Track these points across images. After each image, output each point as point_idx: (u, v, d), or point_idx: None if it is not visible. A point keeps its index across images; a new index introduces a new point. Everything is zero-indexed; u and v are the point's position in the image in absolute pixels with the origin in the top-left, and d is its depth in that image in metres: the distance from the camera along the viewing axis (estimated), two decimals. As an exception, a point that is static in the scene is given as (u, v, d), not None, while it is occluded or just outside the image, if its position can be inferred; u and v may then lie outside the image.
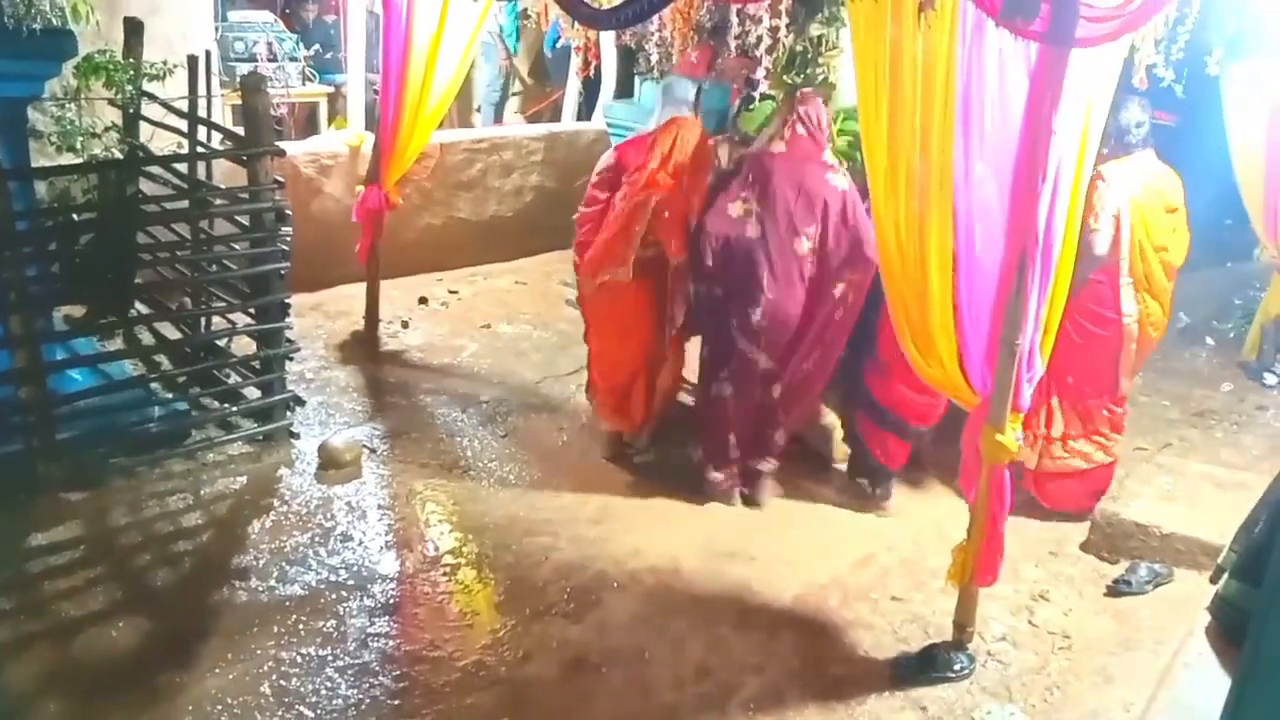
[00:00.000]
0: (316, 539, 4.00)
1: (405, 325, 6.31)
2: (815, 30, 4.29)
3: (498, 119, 9.53)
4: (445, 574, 3.86)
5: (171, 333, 5.03)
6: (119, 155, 4.84)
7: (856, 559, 4.08)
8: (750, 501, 4.41)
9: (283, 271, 4.59)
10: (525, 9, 7.96)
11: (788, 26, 4.29)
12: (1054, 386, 4.28)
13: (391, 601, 3.69)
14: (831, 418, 4.73)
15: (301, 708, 3.11)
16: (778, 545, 4.13)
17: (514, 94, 9.83)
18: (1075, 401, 4.34)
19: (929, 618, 3.69)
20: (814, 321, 4.15)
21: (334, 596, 3.65)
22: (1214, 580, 3.35)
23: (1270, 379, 6.03)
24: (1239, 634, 3.23)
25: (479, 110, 9.76)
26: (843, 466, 4.63)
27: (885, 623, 3.69)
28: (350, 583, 3.74)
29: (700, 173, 4.29)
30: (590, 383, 4.73)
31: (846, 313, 4.15)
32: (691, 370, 4.69)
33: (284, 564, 3.82)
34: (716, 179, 4.35)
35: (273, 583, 3.71)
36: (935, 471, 4.65)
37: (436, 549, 4.02)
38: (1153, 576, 3.85)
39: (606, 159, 4.51)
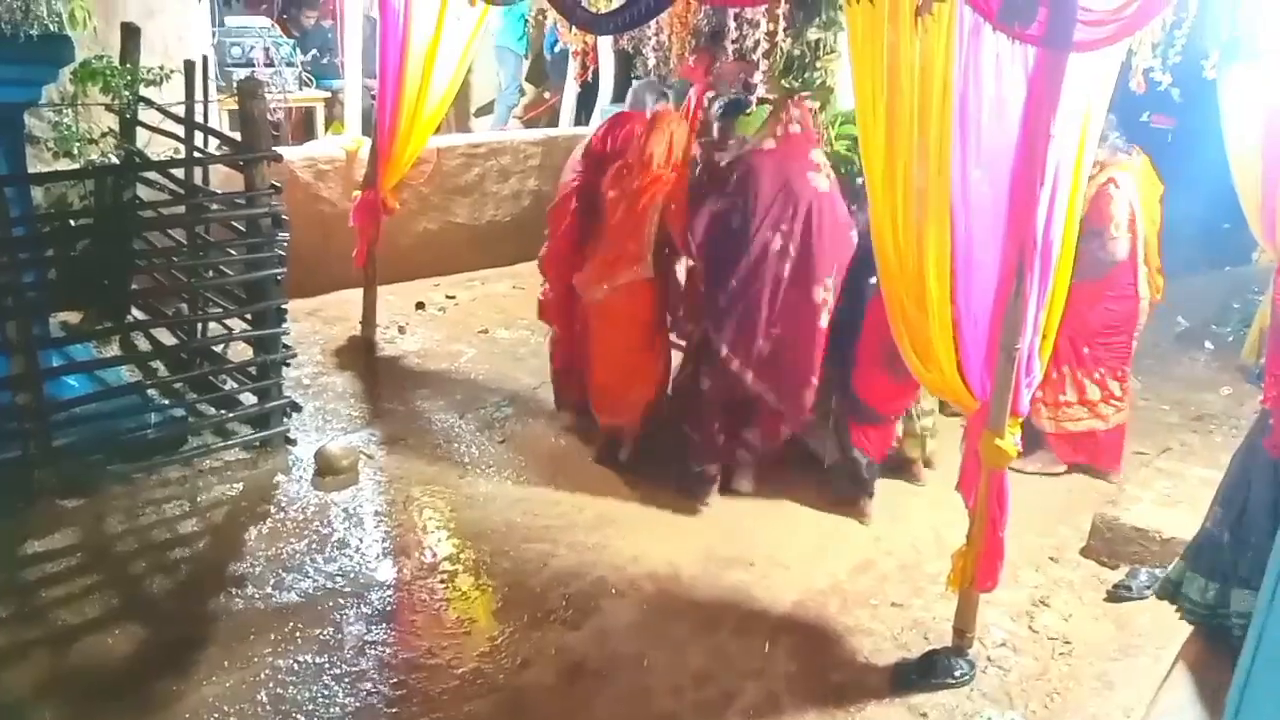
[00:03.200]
0: (313, 546, 3.98)
1: (402, 330, 6.30)
2: (813, 34, 4.29)
3: (505, 123, 9.54)
4: (443, 581, 3.85)
5: (168, 338, 5.01)
6: (115, 161, 4.83)
7: (856, 564, 4.07)
8: (729, 491, 4.47)
9: (279, 277, 4.58)
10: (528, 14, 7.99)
11: (785, 31, 4.28)
12: (1071, 357, 4.73)
13: (389, 609, 3.68)
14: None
15: (298, 716, 3.10)
16: (776, 551, 4.12)
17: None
18: (1090, 371, 4.76)
19: (929, 623, 3.68)
20: (788, 320, 4.15)
21: (331, 604, 3.64)
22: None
23: (1260, 378, 6.03)
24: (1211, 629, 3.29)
25: (480, 112, 9.79)
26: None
27: (885, 628, 3.67)
28: (347, 590, 3.73)
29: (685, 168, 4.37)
30: (583, 387, 4.76)
31: (824, 313, 4.15)
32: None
33: (281, 571, 3.80)
34: (706, 176, 4.40)
35: (269, 590, 3.69)
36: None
37: (434, 555, 4.01)
38: (1153, 582, 3.84)
39: (578, 153, 4.72)
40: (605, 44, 7.53)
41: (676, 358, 4.72)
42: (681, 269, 4.59)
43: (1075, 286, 4.29)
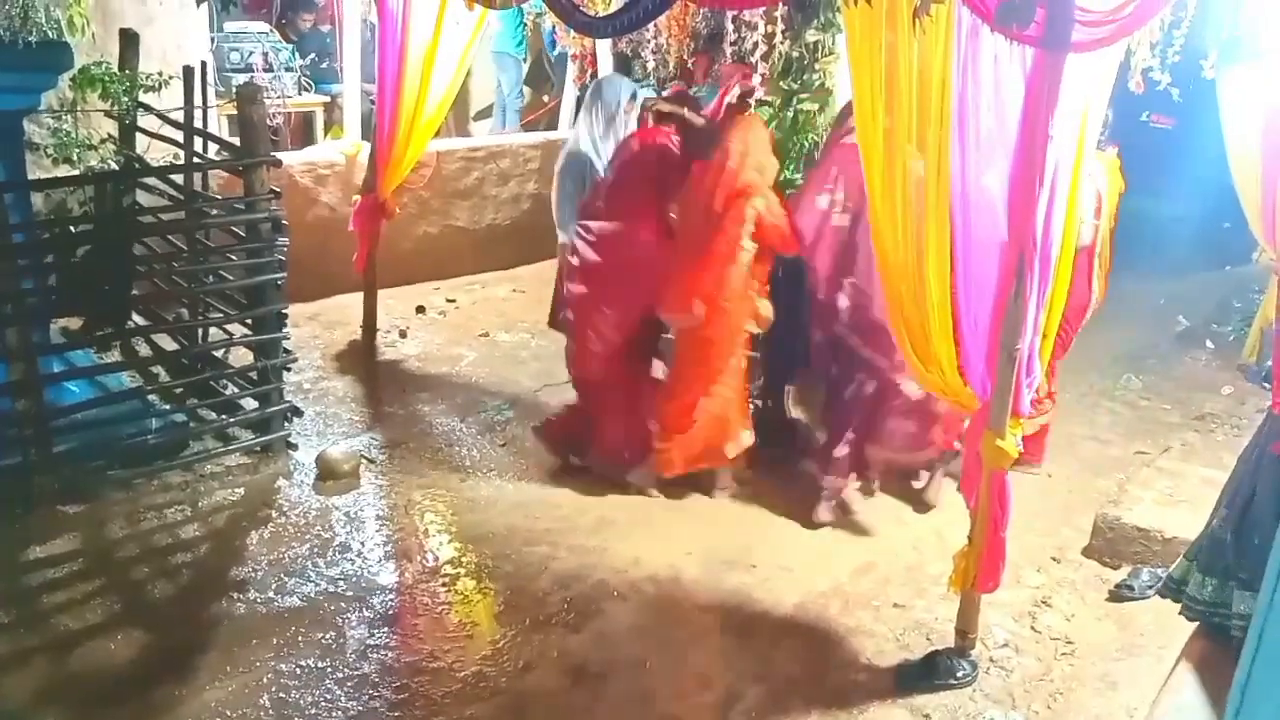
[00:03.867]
0: (315, 550, 3.98)
1: (403, 334, 6.31)
2: (811, 36, 4.30)
3: (512, 127, 9.54)
4: (444, 584, 3.85)
5: (169, 344, 5.02)
6: (115, 167, 4.84)
7: (857, 566, 4.06)
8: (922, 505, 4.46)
9: (279, 282, 4.58)
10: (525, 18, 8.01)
11: (784, 33, 4.29)
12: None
13: (391, 612, 3.67)
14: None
15: (300, 721, 3.10)
16: (778, 553, 4.12)
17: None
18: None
19: (931, 625, 3.68)
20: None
21: (333, 608, 3.64)
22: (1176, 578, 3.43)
23: (1267, 380, 6.02)
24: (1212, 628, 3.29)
25: (479, 116, 9.79)
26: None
27: (887, 630, 3.67)
28: (349, 594, 3.72)
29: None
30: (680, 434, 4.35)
31: None
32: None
33: (282, 575, 3.80)
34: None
35: (271, 594, 3.69)
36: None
37: (436, 559, 4.00)
38: (1155, 581, 3.83)
39: (625, 152, 4.33)
40: (604, 47, 7.53)
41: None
42: None
43: None
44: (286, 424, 4.73)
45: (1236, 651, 1.82)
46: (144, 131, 5.14)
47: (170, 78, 4.97)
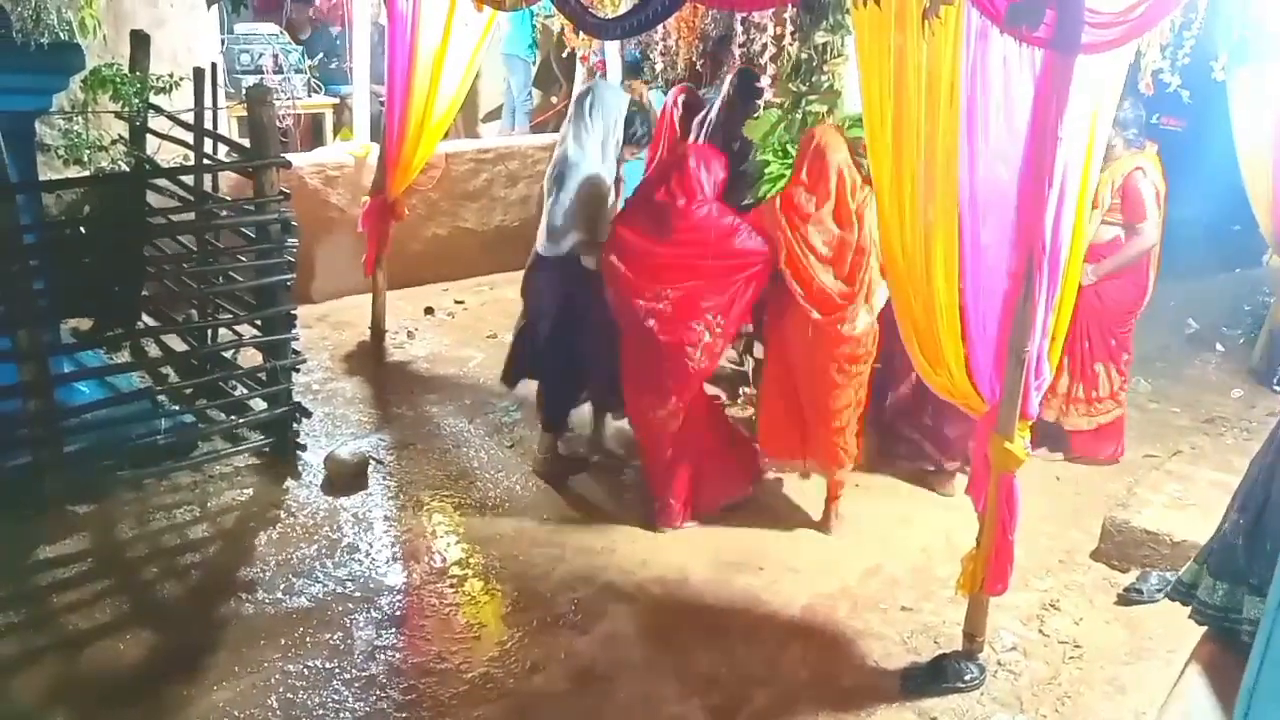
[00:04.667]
0: (323, 551, 3.99)
1: (411, 336, 6.32)
2: (820, 38, 4.28)
3: (524, 127, 9.55)
4: (452, 586, 3.85)
5: (178, 344, 5.03)
6: (125, 168, 4.85)
7: (865, 568, 4.06)
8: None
9: (289, 283, 4.59)
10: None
11: (792, 34, 4.28)
12: (1103, 352, 4.91)
13: (399, 613, 3.68)
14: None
15: (308, 721, 3.10)
16: (786, 555, 4.12)
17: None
18: (1116, 359, 4.94)
19: (939, 628, 3.67)
20: None
21: (341, 609, 3.65)
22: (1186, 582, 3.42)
23: (1279, 385, 6.00)
24: (1222, 632, 3.28)
25: (487, 118, 9.81)
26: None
27: (895, 633, 3.67)
28: (357, 595, 3.73)
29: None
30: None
31: None
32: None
33: (291, 576, 3.81)
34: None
35: (279, 595, 3.70)
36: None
37: (443, 560, 4.01)
38: (1164, 585, 3.81)
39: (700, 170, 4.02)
40: (613, 48, 7.53)
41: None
42: None
43: (1113, 278, 4.69)
44: (295, 425, 4.74)
45: (1246, 656, 1.82)
46: (154, 133, 5.16)
47: (181, 79, 4.98)
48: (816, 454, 4.25)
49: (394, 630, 3.58)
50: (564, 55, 7.04)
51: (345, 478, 4.48)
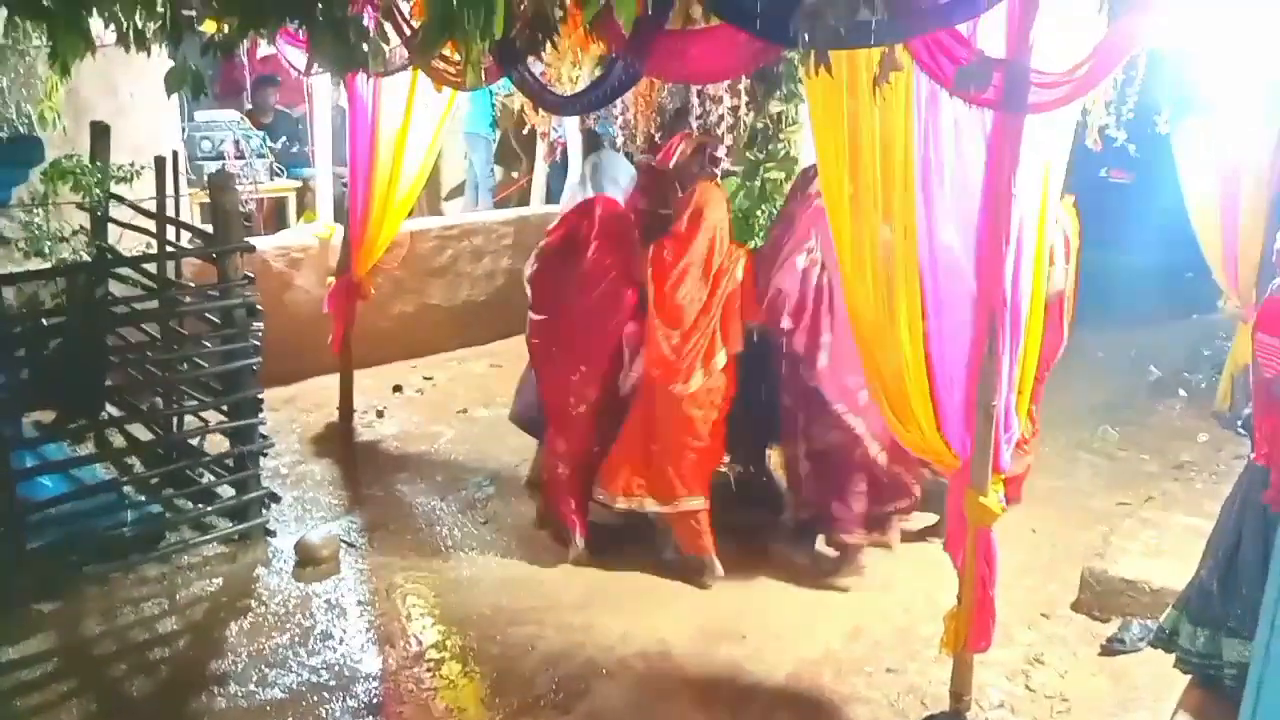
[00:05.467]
0: (296, 639, 3.90)
1: (380, 415, 6.27)
2: (775, 107, 4.38)
3: (485, 205, 9.63)
4: (429, 669, 3.77)
5: (144, 434, 4.96)
6: (87, 258, 4.83)
7: (848, 631, 4.02)
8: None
9: (255, 367, 4.56)
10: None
11: (748, 105, 4.37)
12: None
13: (375, 701, 3.59)
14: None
15: (285, 818, 3.00)
16: (768, 621, 4.08)
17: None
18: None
19: (925, 688, 3.64)
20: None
21: (316, 699, 3.55)
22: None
23: (1243, 428, 6.07)
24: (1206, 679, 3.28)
25: (449, 195, 9.88)
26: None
27: (881, 695, 3.62)
28: (332, 683, 3.64)
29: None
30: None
31: None
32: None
33: (263, 667, 3.72)
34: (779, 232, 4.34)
35: (252, 687, 3.61)
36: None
37: (420, 644, 3.93)
38: (1146, 634, 3.82)
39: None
40: (572, 124, 7.66)
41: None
42: None
43: None
44: (264, 510, 4.67)
45: (1232, 701, 1.81)
46: (116, 222, 5.14)
47: (142, 168, 4.99)
48: (656, 486, 4.28)
49: (371, 719, 3.48)
50: (524, 132, 7.15)
51: (316, 563, 4.41)
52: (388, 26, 4.04)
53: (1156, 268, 8.71)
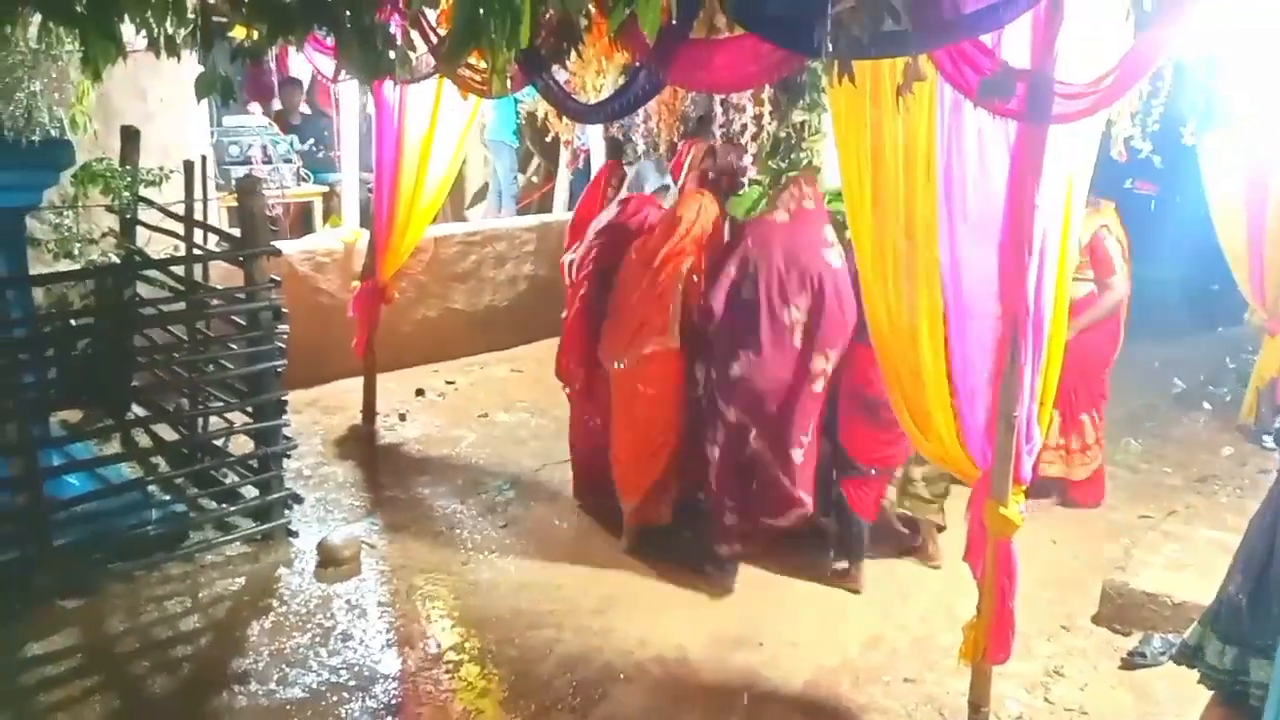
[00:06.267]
0: (317, 639, 3.93)
1: (403, 418, 6.31)
2: (798, 116, 4.38)
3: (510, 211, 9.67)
4: (448, 671, 3.79)
5: (169, 434, 5.02)
6: (116, 260, 4.89)
7: (865, 640, 4.01)
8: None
9: (279, 369, 4.60)
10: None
11: (770, 114, 4.38)
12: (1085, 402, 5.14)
13: (394, 702, 3.62)
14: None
15: (303, 817, 3.03)
16: (785, 629, 4.07)
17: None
18: (1090, 409, 5.16)
19: (943, 699, 3.62)
20: (793, 389, 4.14)
21: (335, 698, 3.58)
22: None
23: (1269, 441, 6.02)
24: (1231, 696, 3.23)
25: (471, 202, 9.93)
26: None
27: (899, 706, 3.61)
28: (352, 683, 3.67)
29: (712, 246, 4.42)
30: (607, 471, 4.66)
31: (823, 384, 4.15)
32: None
33: (284, 666, 3.75)
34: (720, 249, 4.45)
35: (273, 686, 3.64)
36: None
37: (439, 646, 3.95)
38: (1167, 648, 3.79)
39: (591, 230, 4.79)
40: (595, 132, 7.69)
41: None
42: None
43: (1089, 331, 4.86)
44: (287, 511, 4.71)
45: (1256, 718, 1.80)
46: (145, 225, 5.21)
47: (171, 172, 5.05)
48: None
49: (390, 719, 3.51)
50: (547, 139, 7.19)
51: (338, 563, 4.44)
52: (414, 34, 4.07)
53: (1182, 280, 8.66)
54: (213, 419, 4.97)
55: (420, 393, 6.78)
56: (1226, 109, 4.78)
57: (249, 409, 4.69)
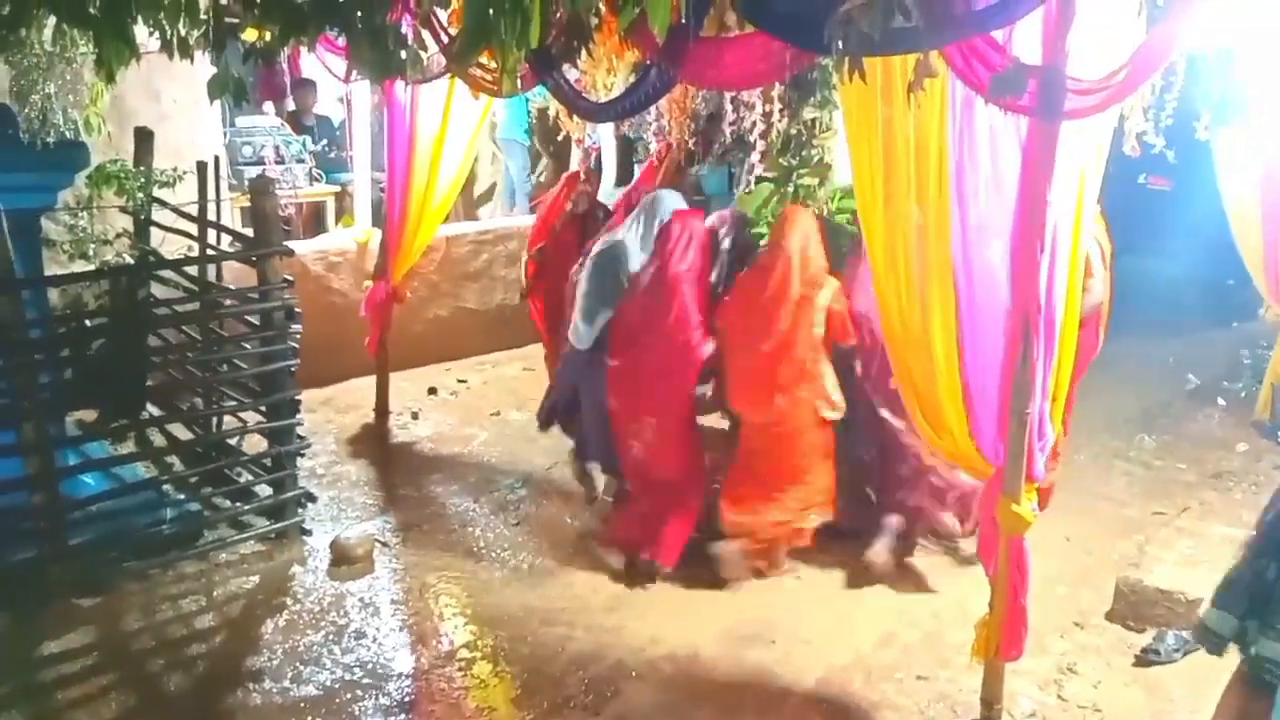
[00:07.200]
0: (330, 637, 3.95)
1: (415, 416, 6.33)
2: (809, 113, 4.38)
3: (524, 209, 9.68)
4: (461, 669, 3.81)
5: (183, 433, 5.05)
6: (130, 261, 4.92)
7: (878, 637, 4.01)
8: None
9: (293, 368, 4.62)
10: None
11: (781, 111, 4.38)
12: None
13: (407, 699, 3.63)
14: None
15: (318, 813, 3.05)
16: (797, 626, 4.07)
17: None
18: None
19: (955, 696, 3.62)
20: None
21: (349, 696, 3.60)
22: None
23: None
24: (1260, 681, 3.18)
25: (480, 200, 9.95)
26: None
27: (912, 703, 3.61)
28: (365, 681, 3.69)
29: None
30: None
31: None
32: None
33: (298, 664, 3.77)
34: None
35: (287, 684, 3.66)
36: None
37: (451, 643, 3.97)
38: (1181, 645, 3.77)
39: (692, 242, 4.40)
40: (607, 130, 7.69)
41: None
42: None
43: None
44: (300, 510, 4.74)
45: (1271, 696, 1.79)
46: (159, 226, 5.24)
47: (184, 173, 5.08)
48: None
49: (403, 717, 3.52)
50: (558, 138, 7.21)
51: (351, 562, 4.46)
52: (425, 34, 4.09)
53: (1196, 275, 8.61)
54: (227, 418, 5.00)
55: (433, 391, 6.80)
56: (1241, 103, 4.76)
57: (263, 408, 4.71)
